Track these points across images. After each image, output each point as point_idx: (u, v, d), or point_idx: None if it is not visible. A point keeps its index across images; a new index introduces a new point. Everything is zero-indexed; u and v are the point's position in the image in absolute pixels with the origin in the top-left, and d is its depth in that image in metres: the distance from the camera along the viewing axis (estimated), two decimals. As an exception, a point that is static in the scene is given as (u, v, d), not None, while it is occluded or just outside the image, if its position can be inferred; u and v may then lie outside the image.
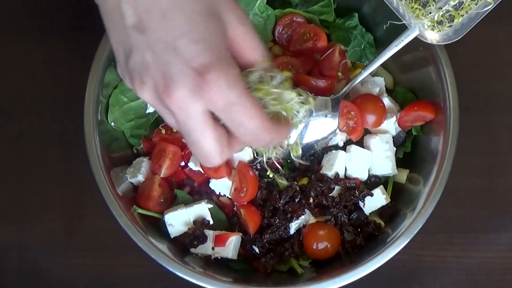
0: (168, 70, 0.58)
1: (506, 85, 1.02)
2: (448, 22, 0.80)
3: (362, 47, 0.95)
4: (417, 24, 0.80)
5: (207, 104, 0.58)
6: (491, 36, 1.02)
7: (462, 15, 0.79)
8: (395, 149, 0.92)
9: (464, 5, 0.78)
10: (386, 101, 0.93)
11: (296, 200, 0.89)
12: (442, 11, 0.79)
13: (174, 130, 0.89)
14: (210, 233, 0.88)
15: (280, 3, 0.96)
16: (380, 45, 0.95)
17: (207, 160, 0.63)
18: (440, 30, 0.80)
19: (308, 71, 0.94)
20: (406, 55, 0.91)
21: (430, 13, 0.80)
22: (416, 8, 0.80)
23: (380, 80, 0.95)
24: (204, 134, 0.60)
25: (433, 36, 0.80)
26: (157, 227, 0.90)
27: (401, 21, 0.80)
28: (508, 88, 1.02)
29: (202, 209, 0.89)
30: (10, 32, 1.04)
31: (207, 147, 0.61)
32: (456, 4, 0.79)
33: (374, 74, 0.96)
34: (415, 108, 0.91)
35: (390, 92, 0.96)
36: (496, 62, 1.03)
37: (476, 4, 0.78)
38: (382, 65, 0.90)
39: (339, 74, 0.92)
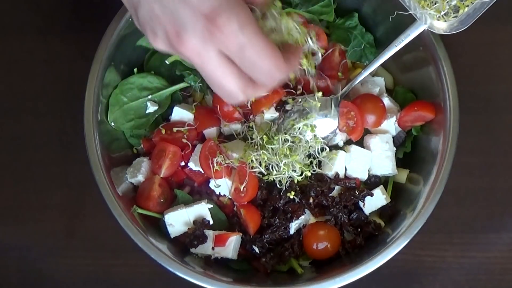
0: (177, 19, 0.58)
1: (506, 85, 1.02)
2: (454, 13, 0.80)
3: (362, 47, 0.95)
4: (423, 14, 0.79)
5: (221, 48, 0.58)
6: (491, 36, 1.02)
7: (467, 6, 0.79)
8: (395, 149, 0.92)
9: None
10: (386, 101, 0.93)
11: (296, 200, 0.89)
12: (448, 1, 0.79)
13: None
14: (210, 233, 0.88)
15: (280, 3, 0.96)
16: (380, 45, 0.95)
17: (231, 98, 0.63)
18: (445, 21, 0.80)
19: (308, 71, 0.94)
20: (406, 55, 0.91)
21: (436, 3, 0.80)
22: None
23: (380, 80, 0.95)
24: (223, 74, 0.60)
25: (440, 26, 0.80)
26: (157, 227, 0.90)
27: (408, 11, 0.80)
28: (508, 88, 1.02)
29: (202, 209, 0.89)
30: (10, 32, 1.04)
31: (229, 86, 0.61)
32: None
33: (374, 74, 0.96)
34: (415, 108, 0.91)
35: (390, 92, 0.96)
36: (496, 62, 1.03)
37: None
38: (382, 65, 0.90)
39: (339, 74, 0.92)
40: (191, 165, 0.89)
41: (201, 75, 0.62)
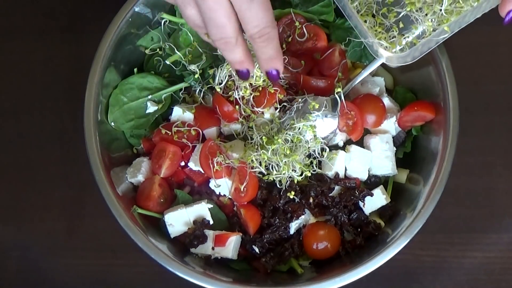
0: None
1: (506, 85, 1.02)
2: (409, 48, 0.80)
3: (362, 47, 0.95)
4: (374, 43, 0.80)
5: None
6: (491, 37, 1.02)
7: (419, 41, 0.80)
8: (395, 149, 0.92)
9: (426, 35, 0.79)
10: (386, 101, 0.93)
11: (296, 200, 0.89)
12: (404, 38, 0.80)
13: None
14: (210, 233, 0.88)
15: (280, 3, 0.96)
16: (380, 45, 0.95)
17: (226, 38, 0.69)
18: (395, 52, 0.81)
19: (308, 71, 0.94)
20: (406, 55, 0.91)
21: (393, 38, 0.80)
22: (379, 32, 0.81)
23: (380, 80, 0.95)
24: (225, 12, 0.67)
25: (389, 56, 0.81)
26: (157, 227, 0.90)
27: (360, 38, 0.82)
28: (508, 88, 1.02)
29: (202, 209, 0.89)
30: (10, 32, 1.04)
31: (226, 24, 0.68)
32: (419, 33, 0.80)
33: (374, 74, 0.96)
34: (415, 108, 0.91)
35: (390, 92, 0.96)
36: (496, 62, 1.03)
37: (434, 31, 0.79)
38: (382, 65, 0.90)
39: (339, 74, 0.92)
40: (191, 165, 0.89)
41: (199, 21, 0.70)
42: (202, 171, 0.89)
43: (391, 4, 0.81)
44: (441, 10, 0.77)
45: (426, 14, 0.79)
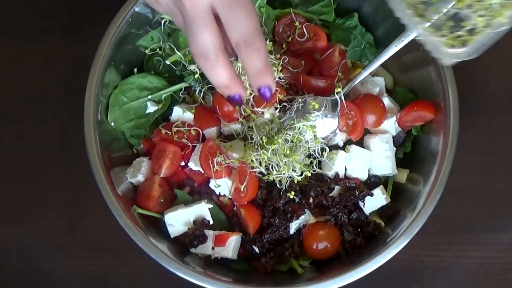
0: None
1: (506, 85, 1.02)
2: (463, 46, 0.79)
3: (362, 47, 0.95)
4: (437, 42, 0.79)
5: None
6: (491, 36, 1.02)
7: (474, 37, 0.79)
8: (395, 149, 0.92)
9: (477, 29, 0.78)
10: (386, 101, 0.93)
11: (296, 200, 0.89)
12: (458, 36, 0.79)
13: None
14: (210, 233, 0.88)
15: (280, 3, 0.96)
16: (380, 45, 0.95)
17: (206, 53, 0.65)
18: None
19: (308, 71, 0.94)
20: (406, 55, 0.91)
21: (443, 35, 0.79)
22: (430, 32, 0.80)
23: (380, 80, 0.95)
24: (204, 25, 0.64)
25: (451, 53, 0.79)
26: (157, 227, 0.90)
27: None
28: (508, 88, 1.02)
29: (202, 209, 0.89)
30: (10, 32, 1.04)
31: (206, 37, 0.65)
32: (469, 28, 0.78)
33: (374, 74, 0.96)
34: (415, 108, 0.91)
35: (390, 92, 0.96)
36: (496, 62, 1.03)
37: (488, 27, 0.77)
38: (382, 65, 0.90)
39: (339, 74, 0.92)
40: (191, 165, 0.89)
41: (184, 27, 0.66)
42: (202, 171, 0.89)
43: (438, 3, 0.79)
44: (491, 4, 0.75)
45: (476, 11, 0.77)
